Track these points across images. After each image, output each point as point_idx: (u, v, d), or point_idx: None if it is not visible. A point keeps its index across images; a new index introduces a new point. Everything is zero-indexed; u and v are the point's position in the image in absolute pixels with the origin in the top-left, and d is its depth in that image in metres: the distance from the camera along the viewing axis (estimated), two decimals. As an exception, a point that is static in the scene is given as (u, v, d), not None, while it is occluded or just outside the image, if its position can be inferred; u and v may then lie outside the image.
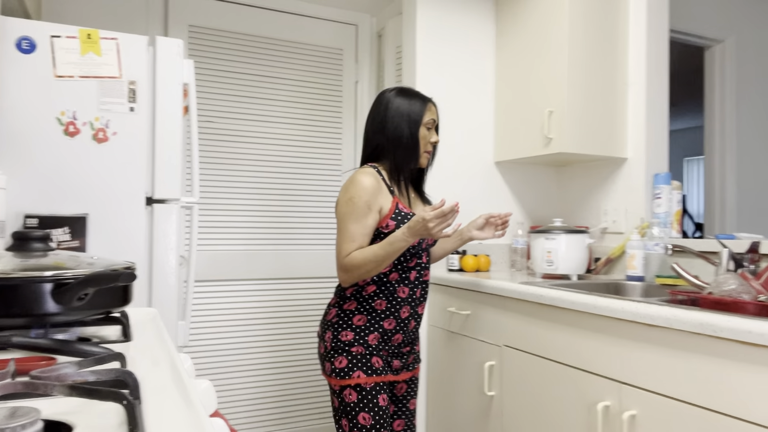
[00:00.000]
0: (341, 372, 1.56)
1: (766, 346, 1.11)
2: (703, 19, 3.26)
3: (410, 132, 1.62)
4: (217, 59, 2.53)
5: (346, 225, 1.56)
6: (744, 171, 3.40)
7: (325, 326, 1.63)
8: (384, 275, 1.61)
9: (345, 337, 1.58)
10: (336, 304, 1.63)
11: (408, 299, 1.64)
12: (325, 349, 1.60)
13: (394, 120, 1.63)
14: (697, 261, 1.93)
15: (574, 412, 1.57)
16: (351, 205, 1.55)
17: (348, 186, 1.58)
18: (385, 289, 1.61)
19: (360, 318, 1.59)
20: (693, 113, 6.98)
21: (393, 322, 1.62)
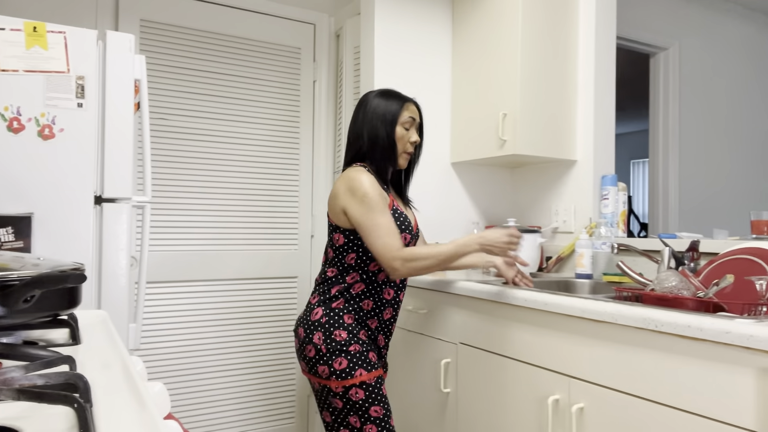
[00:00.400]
0: (343, 373, 1.52)
1: (704, 340, 1.17)
2: (648, 27, 3.40)
3: (386, 132, 1.61)
4: (170, 55, 2.48)
5: (376, 220, 1.50)
6: (686, 173, 3.57)
7: (310, 327, 1.56)
8: (373, 274, 1.60)
9: (339, 337, 1.54)
10: (321, 303, 1.59)
11: (392, 301, 1.65)
12: (317, 352, 1.54)
13: (372, 121, 1.63)
14: (641, 259, 2.02)
15: (526, 407, 1.62)
16: (368, 202, 1.51)
17: (351, 186, 1.53)
18: (372, 289, 1.61)
19: (349, 317, 1.58)
20: (639, 117, 7.27)
21: (376, 322, 1.63)
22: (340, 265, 1.61)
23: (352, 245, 1.59)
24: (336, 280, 1.61)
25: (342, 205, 1.55)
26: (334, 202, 1.58)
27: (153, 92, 2.45)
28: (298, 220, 2.77)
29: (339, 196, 1.56)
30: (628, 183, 8.25)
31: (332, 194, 1.60)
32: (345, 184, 1.56)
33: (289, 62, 2.75)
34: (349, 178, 1.55)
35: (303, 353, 1.58)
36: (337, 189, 1.58)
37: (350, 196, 1.53)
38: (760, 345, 1.07)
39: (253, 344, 2.65)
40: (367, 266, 1.60)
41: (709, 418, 1.17)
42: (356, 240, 1.58)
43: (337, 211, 1.58)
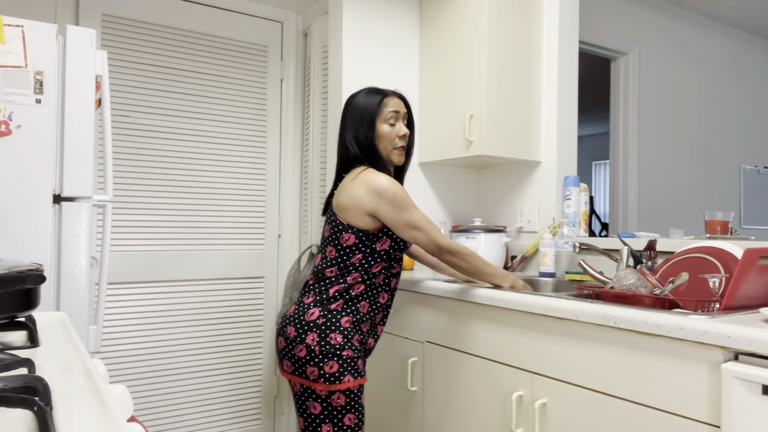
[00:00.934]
0: (331, 377, 1.50)
1: (660, 336, 1.22)
2: (609, 32, 3.50)
3: (365, 134, 1.60)
4: (133, 51, 2.42)
5: (413, 214, 1.56)
6: (644, 174, 3.68)
7: (304, 327, 1.54)
8: (373, 276, 1.60)
9: (335, 340, 1.52)
10: (317, 303, 1.57)
11: (384, 306, 1.66)
12: (309, 353, 1.52)
13: (353, 121, 1.62)
14: (601, 258, 2.08)
15: (491, 403, 1.65)
16: (399, 200, 1.54)
17: (376, 189, 1.54)
18: (370, 291, 1.61)
19: (347, 320, 1.56)
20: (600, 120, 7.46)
21: (368, 325, 1.63)
22: (342, 265, 1.59)
23: (362, 245, 1.58)
24: (335, 280, 1.59)
25: (369, 207, 1.55)
26: (354, 203, 1.56)
27: (115, 89, 2.39)
28: (265, 219, 2.75)
29: (362, 198, 1.55)
30: (589, 184, 8.45)
31: (349, 196, 1.57)
32: (367, 187, 1.55)
33: (256, 60, 2.72)
34: (371, 181, 1.55)
35: (291, 353, 1.54)
36: (356, 191, 1.56)
37: (378, 199, 1.53)
38: (712, 340, 1.11)
39: (218, 345, 2.61)
40: (370, 267, 1.60)
41: (665, 411, 1.22)
42: (366, 240, 1.58)
43: (357, 212, 1.56)
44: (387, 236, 1.60)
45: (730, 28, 4.27)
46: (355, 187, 1.56)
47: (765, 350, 1.04)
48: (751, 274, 1.27)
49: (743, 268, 1.25)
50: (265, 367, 2.73)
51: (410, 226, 1.55)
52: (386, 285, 1.65)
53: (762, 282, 1.31)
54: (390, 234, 1.60)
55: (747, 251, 1.24)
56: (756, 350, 1.05)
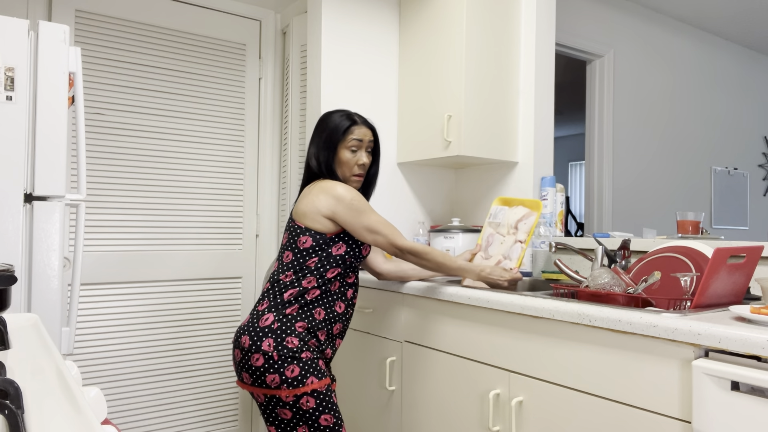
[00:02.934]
0: (294, 381, 1.49)
1: (633, 333, 1.24)
2: (585, 35, 3.55)
3: (326, 157, 1.65)
4: (108, 48, 2.38)
5: (371, 217, 1.58)
6: (619, 175, 3.74)
7: (258, 334, 1.52)
8: (328, 282, 1.61)
9: (291, 344, 1.51)
10: (271, 309, 1.56)
11: (341, 316, 1.65)
12: (266, 360, 1.49)
13: (318, 142, 1.67)
14: (577, 257, 2.11)
15: (469, 401, 1.66)
16: (357, 204, 1.57)
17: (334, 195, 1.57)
18: (326, 298, 1.61)
19: (302, 324, 1.56)
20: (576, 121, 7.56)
21: (325, 334, 1.62)
22: (298, 267, 1.59)
23: (318, 248, 1.59)
24: (290, 284, 1.58)
25: (327, 211, 1.58)
26: (312, 206, 1.59)
27: (89, 86, 2.35)
28: (243, 219, 2.73)
29: (321, 203, 1.58)
30: (566, 184, 8.57)
31: (308, 200, 1.61)
32: (326, 193, 1.58)
33: (233, 59, 2.70)
34: (329, 188, 1.59)
35: (248, 363, 1.52)
36: (315, 197, 1.60)
37: (337, 203, 1.57)
38: (683, 338, 1.14)
39: (195, 347, 2.58)
40: (325, 272, 1.60)
41: (638, 408, 1.24)
42: (323, 243, 1.60)
43: (316, 215, 1.59)
44: (343, 242, 1.61)
45: (702, 32, 4.37)
46: (314, 193, 1.61)
47: (734, 347, 1.06)
48: (721, 273, 1.30)
49: (713, 267, 1.28)
50: (243, 368, 2.71)
51: (369, 229, 1.58)
52: (342, 294, 1.65)
53: (731, 281, 1.34)
54: (346, 240, 1.62)
55: (717, 251, 1.27)
56: (725, 347, 1.08)
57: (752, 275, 1.40)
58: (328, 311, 1.61)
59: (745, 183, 4.75)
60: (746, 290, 1.42)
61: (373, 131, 1.71)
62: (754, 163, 4.89)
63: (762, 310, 1.13)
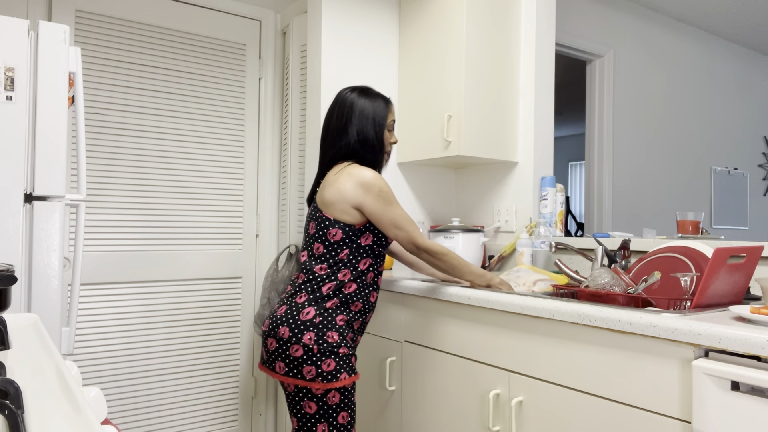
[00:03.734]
0: (329, 375, 1.51)
1: (633, 333, 1.24)
2: (585, 35, 3.55)
3: (375, 134, 1.64)
4: (108, 48, 2.38)
5: (396, 210, 1.58)
6: (619, 175, 3.74)
7: (300, 327, 1.53)
8: (362, 273, 1.61)
9: (331, 339, 1.53)
10: (312, 302, 1.56)
11: (374, 304, 1.68)
12: (306, 352, 1.51)
13: (361, 122, 1.64)
14: (577, 257, 2.11)
15: (469, 401, 1.66)
16: (385, 196, 1.57)
17: (363, 183, 1.56)
18: (362, 290, 1.62)
19: (342, 318, 1.57)
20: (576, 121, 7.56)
21: (359, 323, 1.64)
22: (332, 261, 1.59)
23: (349, 241, 1.60)
24: (327, 278, 1.59)
25: (354, 201, 1.56)
26: (341, 197, 1.57)
27: (89, 86, 2.35)
28: (243, 219, 2.73)
29: (348, 192, 1.56)
30: (565, 184, 8.57)
31: (335, 189, 1.58)
32: (354, 181, 1.57)
33: (234, 59, 2.70)
34: (357, 174, 1.57)
35: (285, 353, 1.53)
36: (342, 185, 1.57)
37: (365, 192, 1.56)
38: (683, 338, 1.14)
39: (194, 347, 2.58)
40: (357, 263, 1.61)
41: (638, 408, 1.24)
42: (353, 235, 1.59)
43: (344, 206, 1.57)
44: (370, 231, 1.61)
45: (702, 32, 4.37)
46: (341, 181, 1.58)
47: (734, 347, 1.06)
48: (721, 273, 1.30)
49: (713, 267, 1.28)
50: (243, 368, 2.71)
51: (394, 223, 1.58)
52: (374, 284, 1.67)
53: (731, 280, 1.34)
54: (372, 230, 1.62)
55: (717, 251, 1.27)
56: (725, 347, 1.08)
57: (752, 275, 1.40)
58: (364, 302, 1.63)
59: (745, 183, 4.75)
60: (746, 290, 1.42)
61: None
62: (754, 163, 4.89)
63: (762, 310, 1.13)
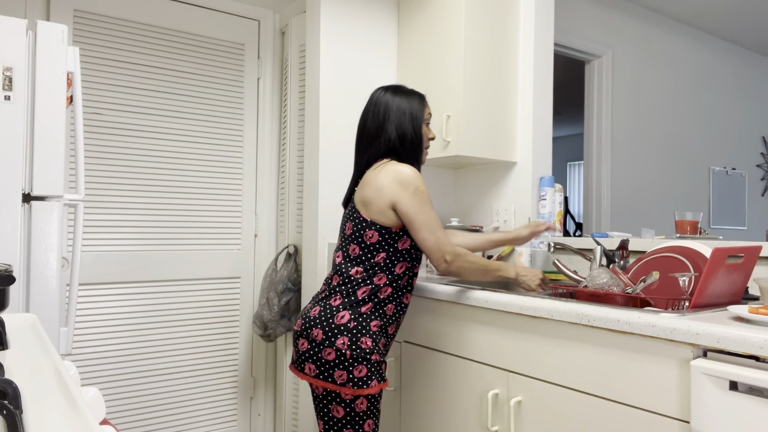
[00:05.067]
0: (359, 381, 1.48)
1: (632, 333, 1.24)
2: (583, 35, 3.55)
3: (414, 130, 1.63)
4: (106, 48, 2.38)
5: (429, 214, 1.53)
6: (617, 175, 3.75)
7: (334, 330, 1.50)
8: (398, 276, 1.58)
9: (365, 345, 1.50)
10: (347, 306, 1.53)
11: (407, 306, 1.66)
12: (338, 356, 1.49)
13: (398, 118, 1.63)
14: (576, 257, 2.11)
15: (468, 401, 1.66)
16: (420, 195, 1.53)
17: (400, 179, 1.52)
18: (396, 293, 1.60)
19: (376, 323, 1.55)
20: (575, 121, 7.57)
21: (394, 327, 1.62)
22: (368, 264, 1.56)
23: (385, 244, 1.56)
24: (363, 281, 1.55)
25: (391, 198, 1.53)
26: (378, 195, 1.54)
27: (87, 86, 2.35)
28: (242, 219, 2.72)
29: (386, 189, 1.53)
30: (564, 184, 8.57)
31: (373, 187, 1.55)
32: (392, 177, 1.53)
33: (232, 58, 2.70)
34: (396, 171, 1.54)
35: (318, 356, 1.51)
36: (381, 182, 1.54)
37: (401, 189, 1.52)
38: (682, 337, 1.14)
39: (193, 347, 2.58)
40: (394, 267, 1.57)
41: (637, 408, 1.24)
42: (389, 239, 1.56)
43: (381, 206, 1.54)
44: (407, 236, 1.58)
45: (700, 32, 4.38)
46: (380, 178, 1.55)
47: (732, 347, 1.07)
48: (719, 273, 1.30)
49: (712, 268, 1.28)
50: (241, 368, 2.71)
51: (423, 224, 1.53)
52: (409, 285, 1.64)
53: (730, 281, 1.34)
54: (409, 233, 1.58)
55: (715, 251, 1.27)
56: (724, 347, 1.08)
57: (750, 275, 1.41)
58: (397, 305, 1.61)
59: (743, 183, 4.76)
60: (744, 290, 1.42)
61: None
62: (752, 163, 4.89)
63: (760, 310, 1.13)
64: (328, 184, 2.32)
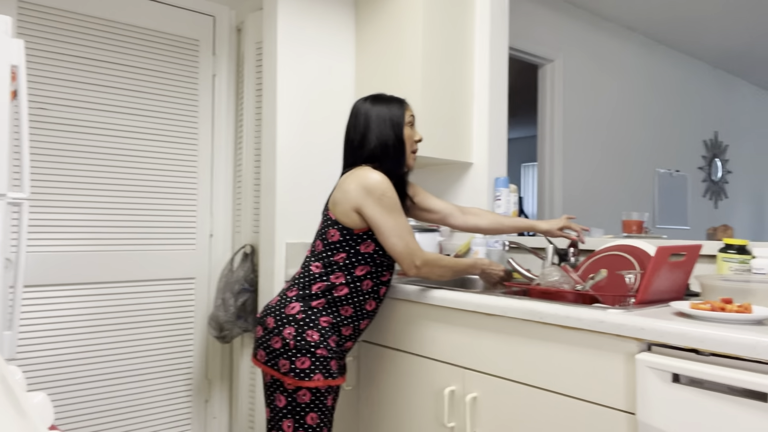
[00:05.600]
0: (301, 373, 1.51)
1: (581, 329, 1.29)
2: (537, 40, 3.64)
3: (395, 135, 1.64)
4: (54, 41, 2.29)
5: (397, 219, 1.53)
6: (569, 176, 3.86)
7: (283, 320, 1.55)
8: (358, 279, 1.59)
9: (311, 337, 1.53)
10: (299, 298, 1.57)
11: (371, 313, 1.66)
12: (283, 346, 1.53)
13: (379, 127, 1.64)
14: (529, 256, 2.16)
15: (425, 399, 1.68)
16: (386, 201, 1.53)
17: (366, 185, 1.53)
18: (355, 297, 1.60)
19: (326, 319, 1.56)
20: (529, 124, 7.74)
21: (350, 330, 1.62)
22: (327, 261, 1.59)
23: (345, 245, 1.58)
24: (319, 277, 1.58)
25: (355, 202, 1.55)
26: (344, 198, 1.57)
27: (33, 80, 2.25)
28: (196, 219, 2.67)
29: (351, 193, 1.55)
30: (519, 185, 8.76)
31: (341, 190, 1.58)
32: (358, 183, 1.55)
33: (186, 55, 2.64)
34: (364, 177, 1.55)
35: (266, 343, 1.56)
36: (347, 187, 1.57)
37: (366, 195, 1.53)
38: (628, 332, 1.19)
39: (145, 349, 2.51)
40: (354, 268, 1.59)
41: (587, 401, 1.29)
42: (351, 240, 1.58)
43: (346, 208, 1.57)
44: (372, 240, 1.59)
45: (648, 40, 4.56)
46: (348, 181, 1.58)
47: (675, 341, 1.12)
48: (662, 271, 1.37)
49: (656, 265, 1.34)
50: (196, 371, 2.66)
51: (391, 230, 1.54)
52: (375, 293, 1.64)
53: (673, 278, 1.41)
54: (374, 238, 1.59)
55: (659, 249, 1.33)
56: (667, 341, 1.13)
57: (692, 272, 1.48)
58: (357, 309, 1.62)
59: (685, 184, 4.98)
60: (686, 287, 1.49)
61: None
62: (694, 166, 5.13)
63: (701, 305, 1.19)
64: (286, 184, 2.30)
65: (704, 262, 1.72)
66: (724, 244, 1.58)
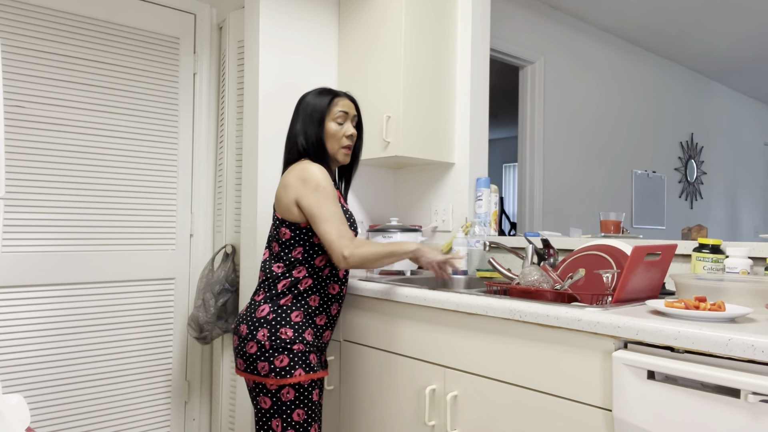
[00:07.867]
0: (282, 371, 1.52)
1: (560, 327, 1.31)
2: (518, 42, 3.68)
3: (315, 131, 1.63)
4: (29, 38, 2.25)
5: (330, 208, 1.52)
6: (549, 177, 3.91)
7: (255, 324, 1.56)
8: (319, 269, 1.62)
9: (285, 335, 1.54)
10: (267, 300, 1.59)
11: (337, 296, 1.69)
12: (259, 348, 1.54)
13: (304, 119, 1.65)
14: (510, 255, 2.19)
15: (406, 397, 1.69)
16: (321, 192, 1.53)
17: (303, 176, 1.54)
18: (319, 284, 1.62)
19: (297, 314, 1.58)
20: (510, 124, 7.81)
21: (324, 318, 1.65)
22: (286, 260, 1.61)
23: (299, 239, 1.60)
24: (282, 275, 1.61)
25: (294, 195, 1.56)
26: (284, 194, 1.58)
27: (8, 77, 2.21)
28: (176, 219, 2.64)
29: (290, 187, 1.56)
30: (500, 185, 8.83)
31: (282, 186, 1.60)
32: (296, 175, 1.56)
33: (166, 53, 2.61)
34: (301, 169, 1.56)
35: (243, 350, 1.57)
36: (286, 180, 1.58)
37: (302, 185, 1.54)
38: (604, 330, 1.21)
39: (124, 350, 2.48)
40: (313, 260, 1.62)
41: (565, 398, 1.31)
42: (302, 234, 1.60)
43: (287, 203, 1.58)
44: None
45: (625, 42, 4.63)
46: (286, 177, 1.60)
47: (650, 339, 1.14)
48: (639, 270, 1.39)
49: (632, 264, 1.36)
50: (175, 372, 2.64)
51: (323, 218, 1.52)
52: (335, 276, 1.67)
53: (648, 276, 1.44)
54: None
55: (635, 249, 1.36)
56: (642, 339, 1.16)
57: (667, 271, 1.51)
58: (322, 296, 1.64)
59: (662, 185, 5.07)
60: (662, 285, 1.52)
61: (355, 104, 1.73)
62: (671, 167, 5.22)
63: (675, 304, 1.22)
64: (267, 183, 2.30)
65: (679, 261, 1.75)
66: (698, 243, 1.61)
